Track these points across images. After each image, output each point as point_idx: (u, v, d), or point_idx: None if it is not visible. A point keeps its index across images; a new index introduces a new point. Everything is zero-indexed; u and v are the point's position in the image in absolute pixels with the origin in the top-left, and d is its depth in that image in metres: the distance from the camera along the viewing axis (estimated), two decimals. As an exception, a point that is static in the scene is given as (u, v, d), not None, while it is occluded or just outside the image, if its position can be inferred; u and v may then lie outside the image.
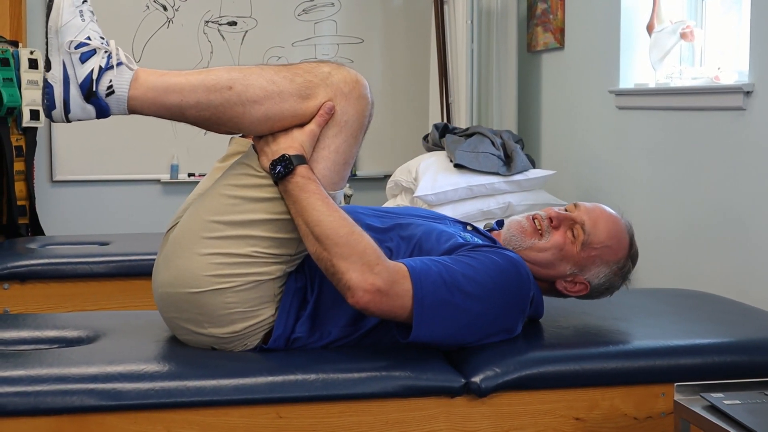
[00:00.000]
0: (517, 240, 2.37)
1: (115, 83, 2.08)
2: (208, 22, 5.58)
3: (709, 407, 1.96)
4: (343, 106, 2.13)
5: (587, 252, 2.35)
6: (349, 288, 2.05)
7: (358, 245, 2.06)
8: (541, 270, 2.36)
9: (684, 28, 3.67)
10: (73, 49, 2.08)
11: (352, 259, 2.04)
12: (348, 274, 2.04)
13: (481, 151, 4.32)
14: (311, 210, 2.06)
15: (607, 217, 2.39)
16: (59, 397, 1.97)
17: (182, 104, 2.09)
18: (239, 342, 2.19)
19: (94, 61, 2.08)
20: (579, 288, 2.38)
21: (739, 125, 3.17)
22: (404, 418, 2.10)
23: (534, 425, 2.17)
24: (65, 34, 2.08)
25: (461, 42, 5.05)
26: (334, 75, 2.14)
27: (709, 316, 2.56)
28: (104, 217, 5.50)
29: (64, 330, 2.40)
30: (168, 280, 2.18)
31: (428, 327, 2.10)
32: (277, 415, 2.05)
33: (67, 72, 2.08)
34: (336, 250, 2.05)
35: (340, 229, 2.06)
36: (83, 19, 2.10)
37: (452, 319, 2.12)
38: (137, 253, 3.57)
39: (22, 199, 4.98)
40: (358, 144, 2.18)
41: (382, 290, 2.04)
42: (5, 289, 3.42)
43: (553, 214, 2.38)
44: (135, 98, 2.09)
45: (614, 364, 2.20)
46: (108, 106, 2.09)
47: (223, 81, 2.09)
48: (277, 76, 2.13)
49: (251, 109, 2.10)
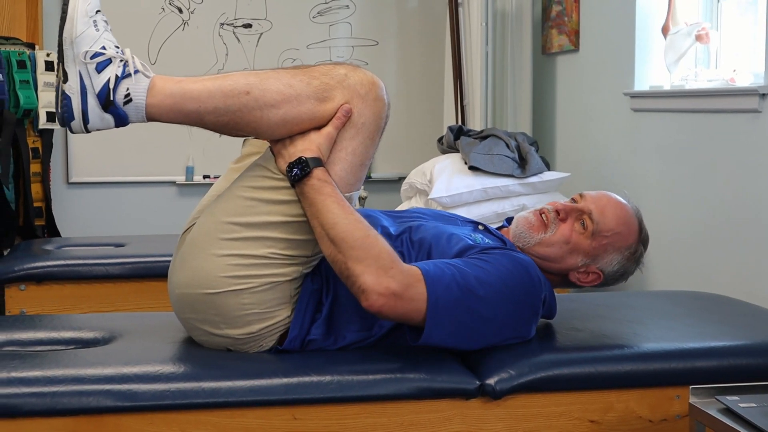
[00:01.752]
0: (526, 236, 2.37)
1: (132, 91, 2.08)
2: (224, 25, 5.59)
3: (724, 410, 1.95)
4: (360, 108, 2.13)
5: (598, 241, 2.34)
6: (364, 291, 2.04)
7: (373, 249, 2.05)
8: (553, 264, 2.36)
9: (699, 30, 3.66)
10: (89, 59, 2.08)
11: (367, 263, 2.04)
12: (363, 277, 2.04)
13: (495, 153, 4.32)
14: (327, 212, 2.06)
15: (614, 203, 2.38)
16: (75, 398, 1.98)
17: (200, 110, 2.09)
18: (255, 343, 2.19)
19: (110, 70, 2.08)
20: (592, 278, 2.38)
21: (754, 127, 3.16)
22: (419, 420, 2.10)
23: (549, 427, 2.16)
24: (80, 45, 2.08)
25: (476, 44, 5.05)
26: (350, 77, 2.14)
27: (724, 318, 2.55)
28: (120, 219, 5.52)
29: (80, 331, 2.40)
30: (184, 281, 2.19)
31: (440, 330, 2.10)
32: (292, 416, 2.05)
33: (84, 82, 2.08)
34: (351, 253, 2.04)
35: (356, 232, 2.05)
36: (97, 29, 2.10)
37: (465, 322, 2.12)
38: (153, 255, 3.58)
39: (39, 201, 5.00)
40: (374, 145, 2.18)
41: (397, 293, 2.04)
42: (22, 290, 3.44)
43: (560, 206, 2.37)
44: (153, 105, 2.09)
45: (629, 367, 2.20)
46: (126, 115, 2.10)
47: (240, 86, 2.09)
48: (294, 80, 2.12)
49: (269, 113, 2.10)
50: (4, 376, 2.00)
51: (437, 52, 5.62)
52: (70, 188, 5.47)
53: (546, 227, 2.36)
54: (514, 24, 5.11)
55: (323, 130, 2.12)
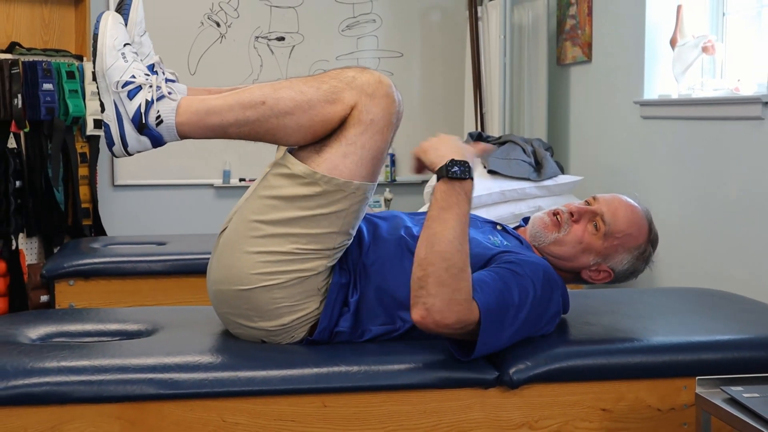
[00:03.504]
0: (541, 235, 2.37)
1: (162, 113, 2.12)
2: (258, 38, 5.60)
3: (728, 400, 1.94)
4: (368, 106, 2.12)
5: (609, 242, 2.33)
6: (427, 310, 2.00)
7: (459, 282, 2.00)
8: (566, 263, 2.35)
9: (705, 42, 3.64)
10: (120, 88, 2.12)
11: (445, 290, 1.99)
12: (434, 298, 1.99)
13: (513, 158, 4.31)
14: (449, 226, 2.03)
15: (626, 206, 2.37)
16: (121, 386, 1.99)
17: (223, 123, 2.12)
18: (287, 334, 2.19)
19: (141, 96, 2.12)
20: (603, 276, 2.37)
21: (757, 133, 3.14)
22: (441, 407, 2.10)
23: (563, 415, 2.16)
24: (111, 76, 2.13)
25: (494, 55, 5.04)
26: (357, 78, 2.14)
27: (730, 314, 2.54)
28: (162, 219, 5.54)
29: (124, 324, 2.42)
30: (219, 278, 2.20)
31: (486, 350, 2.08)
32: (322, 404, 2.05)
33: (118, 110, 2.13)
34: (441, 273, 1.99)
35: (458, 262, 2.00)
36: (126, 60, 2.14)
37: (505, 337, 2.10)
38: (192, 253, 3.59)
39: (86, 202, 5.03)
40: (385, 140, 2.15)
41: (449, 325, 2.01)
42: (71, 285, 3.45)
43: (574, 208, 2.37)
44: (182, 124, 2.12)
45: (639, 359, 2.19)
46: (160, 135, 2.14)
47: (256, 97, 2.11)
48: (306, 86, 2.13)
49: (284, 120, 2.11)
50: (54, 365, 2.01)
51: (458, 62, 5.62)
52: (115, 190, 5.50)
53: (559, 227, 2.35)
54: (531, 37, 5.10)
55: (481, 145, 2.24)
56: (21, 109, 4.63)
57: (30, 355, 2.07)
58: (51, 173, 4.77)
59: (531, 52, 5.10)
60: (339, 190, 2.12)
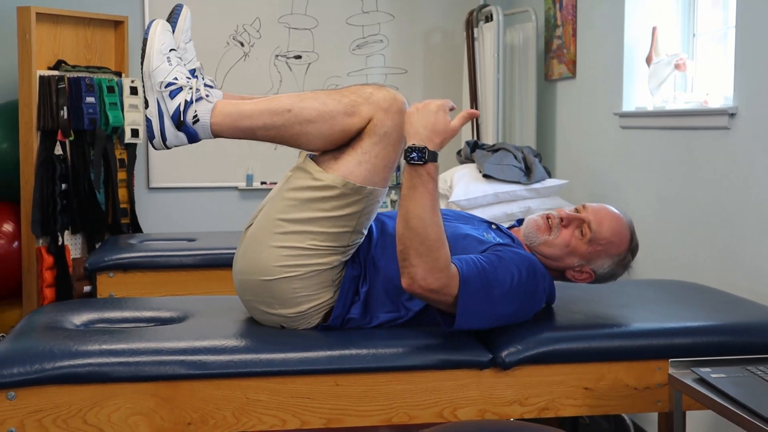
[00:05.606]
0: (533, 236, 2.37)
1: (199, 113, 2.12)
2: (278, 56, 5.60)
3: (698, 380, 1.94)
4: (382, 119, 2.13)
5: (593, 247, 2.33)
6: (411, 278, 2.02)
7: (437, 251, 2.02)
8: (553, 262, 2.35)
9: (678, 60, 3.63)
10: (163, 88, 2.13)
11: (425, 259, 2.01)
12: (416, 268, 2.01)
13: (505, 163, 4.30)
14: (418, 204, 2.02)
15: (611, 216, 2.36)
16: (155, 367, 1.99)
17: (252, 126, 2.13)
18: (304, 320, 2.20)
19: (181, 96, 2.13)
20: (585, 276, 2.37)
21: (724, 142, 3.14)
22: (441, 386, 2.10)
23: (550, 393, 2.16)
24: (156, 77, 2.14)
25: (489, 72, 5.04)
26: (375, 94, 2.15)
27: (700, 303, 2.54)
28: (191, 218, 5.54)
29: (158, 311, 2.42)
30: (245, 269, 2.20)
31: (467, 322, 2.09)
32: (334, 383, 2.06)
33: (161, 107, 2.13)
34: (418, 246, 2.01)
35: (432, 234, 2.02)
36: (170, 64, 2.15)
37: (486, 313, 2.11)
38: (219, 248, 3.59)
39: (124, 203, 5.03)
40: (397, 152, 2.17)
41: (434, 290, 2.03)
42: (110, 277, 3.46)
43: (564, 214, 2.36)
44: (216, 124, 2.13)
45: (618, 343, 2.19)
46: (196, 132, 2.14)
47: (283, 105, 2.13)
48: (328, 98, 2.14)
49: (307, 127, 2.12)
50: (96, 348, 2.02)
51: (456, 78, 5.62)
52: (150, 192, 5.50)
53: (550, 230, 2.35)
54: (521, 55, 5.09)
55: (452, 125, 2.07)
56: (66, 119, 4.64)
57: (74, 339, 2.08)
58: (93, 177, 4.78)
59: (521, 68, 5.09)
60: (354, 193, 2.12)
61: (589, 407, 2.18)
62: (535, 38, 4.97)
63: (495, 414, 2.13)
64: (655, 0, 3.89)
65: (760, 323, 2.29)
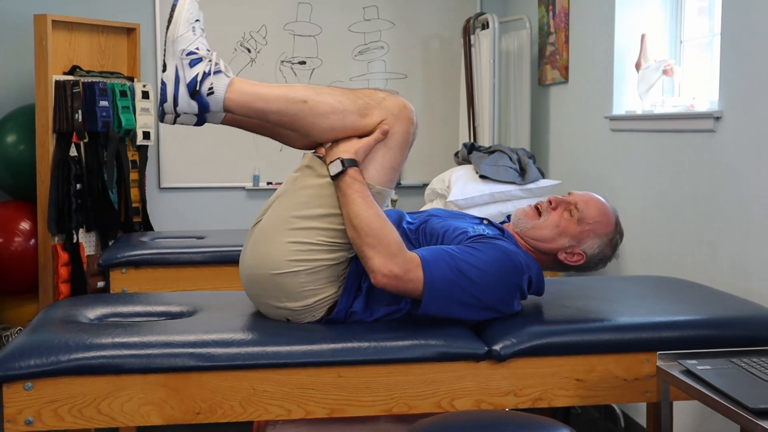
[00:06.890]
0: (522, 222, 2.37)
1: (215, 86, 2.11)
2: (283, 62, 5.60)
3: (685, 371, 1.95)
4: (392, 125, 2.14)
5: (582, 226, 2.33)
6: (372, 271, 2.06)
7: (385, 238, 2.06)
8: (544, 244, 2.34)
9: (666, 66, 3.63)
10: (184, 56, 2.11)
11: (378, 249, 2.05)
12: (373, 260, 2.05)
13: (501, 164, 4.31)
14: (352, 204, 2.07)
15: (596, 200, 2.40)
16: (166, 359, 1.99)
17: (266, 109, 2.12)
18: (309, 314, 2.20)
19: (200, 66, 2.11)
20: (577, 258, 2.36)
21: (710, 144, 3.14)
22: (439, 378, 2.10)
23: (543, 384, 2.16)
24: (179, 44, 2.11)
25: (485, 77, 5.04)
26: (387, 100, 2.16)
27: (686, 298, 2.54)
28: (201, 217, 5.54)
29: (169, 306, 2.42)
30: (254, 263, 2.20)
31: (435, 305, 2.10)
32: (337, 374, 2.06)
33: (178, 74, 2.11)
34: (367, 239, 2.05)
35: (373, 224, 2.06)
36: (194, 33, 2.13)
37: (455, 298, 2.11)
38: (227, 245, 3.59)
39: (136, 202, 5.03)
40: (402, 155, 2.18)
41: (398, 276, 2.05)
42: (123, 273, 3.46)
43: (552, 198, 2.38)
44: (230, 99, 2.11)
45: (608, 336, 2.19)
46: (208, 104, 2.12)
47: (300, 95, 2.13)
48: (343, 97, 2.15)
49: (319, 120, 2.13)
50: (109, 341, 2.02)
51: (454, 83, 5.62)
52: (161, 192, 5.50)
53: (539, 215, 2.37)
54: (516, 61, 5.09)
55: (364, 139, 2.14)
56: (81, 122, 4.64)
57: (88, 332, 2.08)
58: (106, 177, 4.78)
59: (516, 74, 5.09)
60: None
61: (580, 398, 2.18)
62: (529, 45, 4.97)
63: (491, 404, 2.13)
64: (644, 8, 3.89)
65: (744, 317, 2.29)
